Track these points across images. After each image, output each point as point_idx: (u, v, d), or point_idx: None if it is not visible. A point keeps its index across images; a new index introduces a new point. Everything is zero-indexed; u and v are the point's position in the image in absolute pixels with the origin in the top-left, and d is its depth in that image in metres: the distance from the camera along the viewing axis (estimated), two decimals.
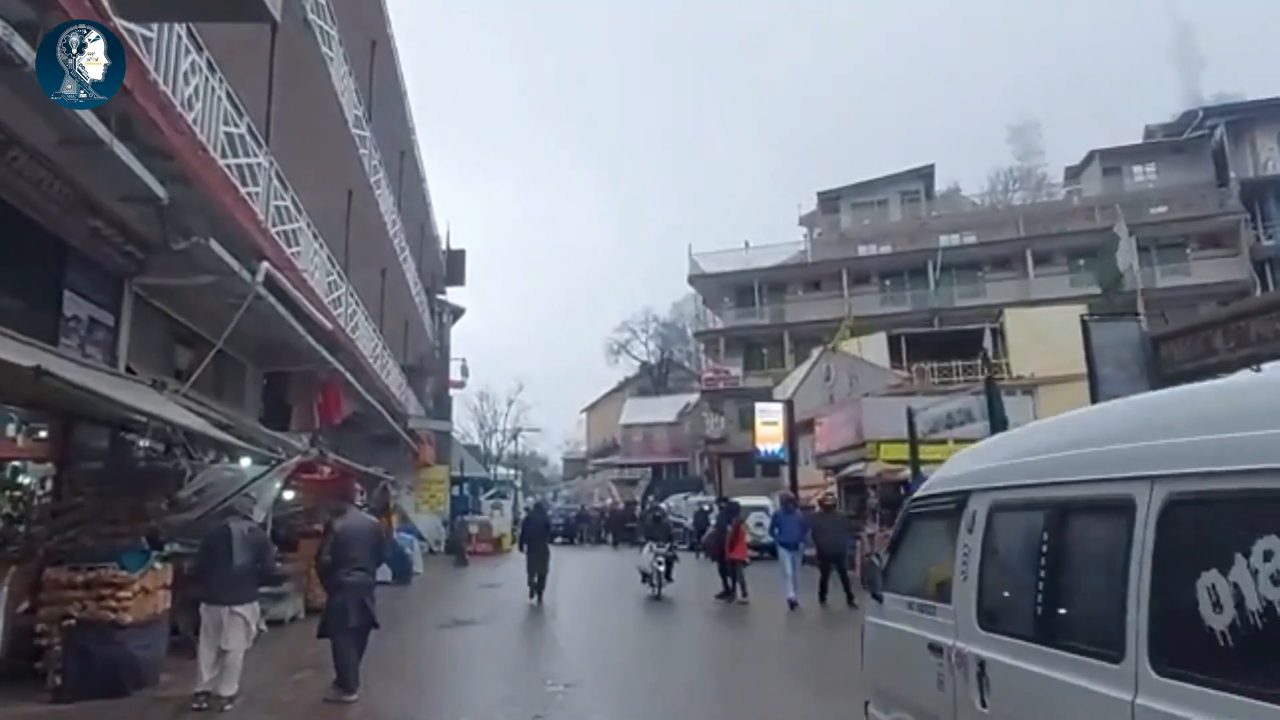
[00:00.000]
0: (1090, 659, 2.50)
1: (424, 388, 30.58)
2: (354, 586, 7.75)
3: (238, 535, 7.52)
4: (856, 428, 18.32)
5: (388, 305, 20.77)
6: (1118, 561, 2.42)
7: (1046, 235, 43.14)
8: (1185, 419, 2.44)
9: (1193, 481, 2.23)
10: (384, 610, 14.36)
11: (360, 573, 7.83)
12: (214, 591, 7.35)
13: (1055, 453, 3.05)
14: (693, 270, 48.15)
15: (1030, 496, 3.11)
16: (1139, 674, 2.26)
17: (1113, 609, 2.39)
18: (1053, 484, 2.94)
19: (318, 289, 12.92)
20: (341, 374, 14.91)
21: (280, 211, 11.01)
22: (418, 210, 24.56)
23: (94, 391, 7.02)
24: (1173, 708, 2.11)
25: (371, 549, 8.06)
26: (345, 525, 8.02)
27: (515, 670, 9.23)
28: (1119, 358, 9.31)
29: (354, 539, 7.90)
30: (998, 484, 3.39)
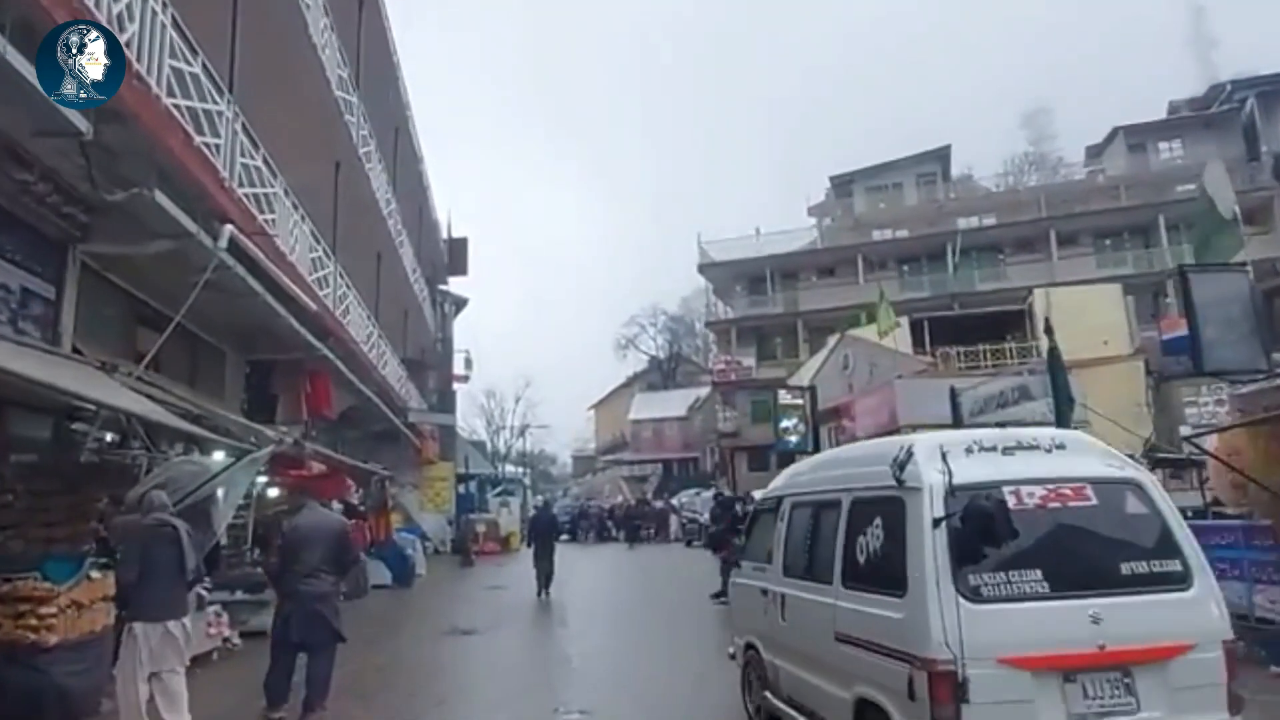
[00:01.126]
0: (822, 584, 4.88)
1: (426, 382, 29.37)
2: (303, 596, 6.55)
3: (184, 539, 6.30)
4: (890, 412, 16.98)
5: (384, 292, 19.52)
6: (833, 533, 4.86)
7: (1070, 215, 41.71)
8: (856, 461, 5.20)
9: (859, 493, 4.74)
10: (379, 616, 13.40)
11: (313, 580, 6.60)
12: (147, 606, 6.12)
13: (815, 473, 5.74)
14: (702, 259, 46.87)
15: (805, 499, 5.49)
16: (837, 588, 4.71)
17: (830, 557, 4.84)
18: (813, 493, 5.41)
19: (299, 265, 11.68)
20: (331, 362, 13.67)
21: (250, 172, 9.76)
22: (415, 193, 23.31)
23: (12, 372, 5.79)
24: (848, 603, 4.55)
25: (330, 552, 6.80)
26: (296, 525, 6.82)
27: (520, 692, 7.94)
28: (1226, 315, 7.99)
29: (307, 541, 6.70)
30: (792, 492, 5.77)
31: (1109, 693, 3.76)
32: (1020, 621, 3.79)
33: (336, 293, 14.05)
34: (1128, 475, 4.35)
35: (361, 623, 12.30)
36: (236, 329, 12.25)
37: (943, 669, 3.66)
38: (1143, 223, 40.42)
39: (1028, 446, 4.40)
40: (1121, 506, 4.20)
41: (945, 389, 14.81)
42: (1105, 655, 3.75)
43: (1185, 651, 3.83)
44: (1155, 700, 3.76)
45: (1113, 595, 3.87)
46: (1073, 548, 4.07)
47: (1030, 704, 3.68)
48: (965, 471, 4.10)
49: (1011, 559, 3.85)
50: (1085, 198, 43.64)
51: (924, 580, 3.86)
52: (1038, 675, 3.71)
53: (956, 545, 3.86)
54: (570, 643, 10.23)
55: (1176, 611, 3.93)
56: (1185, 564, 4.04)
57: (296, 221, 11.67)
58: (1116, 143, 44.87)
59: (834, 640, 4.58)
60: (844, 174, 48.78)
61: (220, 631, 8.78)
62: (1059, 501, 4.09)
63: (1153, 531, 4.12)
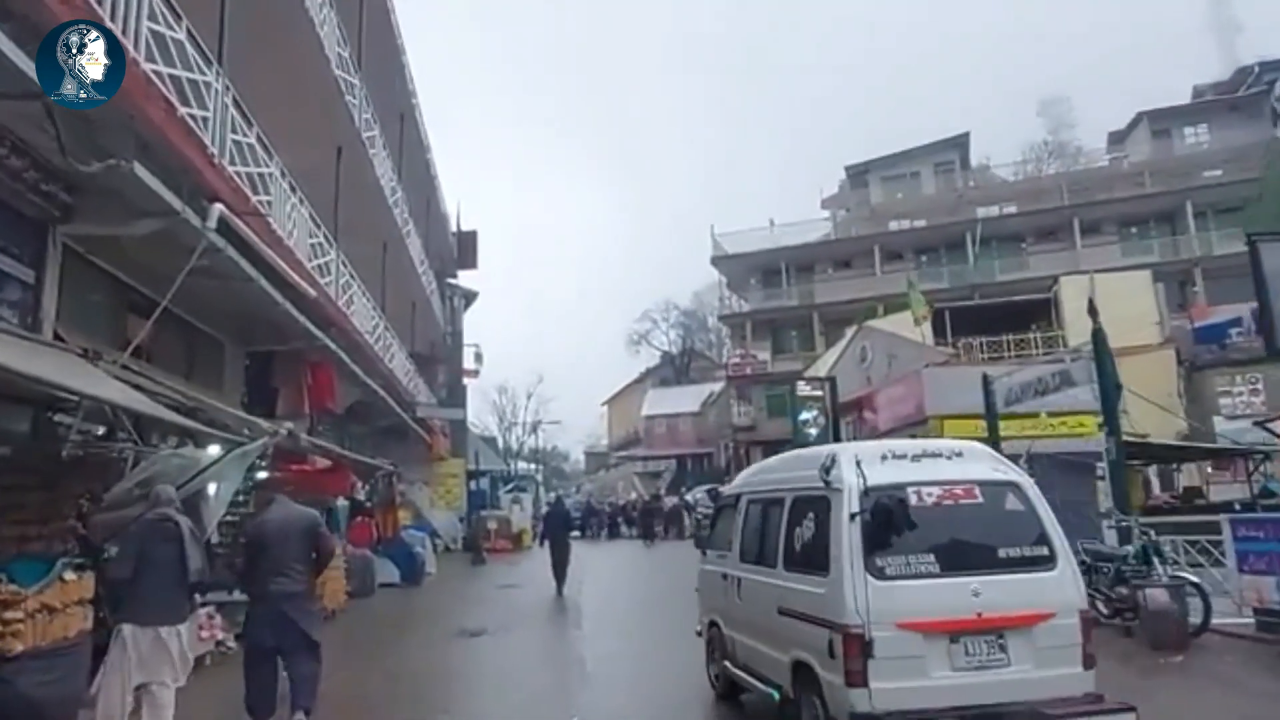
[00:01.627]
0: (768, 567, 5.78)
1: (436, 377, 28.92)
2: (273, 598, 6.06)
3: (187, 537, 5.83)
4: (916, 403, 16.32)
5: (391, 283, 19.01)
6: (778, 525, 5.71)
7: (1094, 203, 40.82)
8: (796, 465, 6.01)
9: (798, 492, 5.55)
10: (385, 617, 12.83)
11: (284, 579, 6.11)
12: (139, 607, 5.64)
13: (765, 475, 6.72)
14: (716, 251, 46.31)
15: (758, 496, 6.43)
16: (780, 570, 5.54)
17: (775, 545, 5.68)
18: (764, 491, 6.36)
19: (298, 251, 11.17)
20: (334, 353, 13.17)
21: (243, 149, 9.23)
22: (423, 183, 22.77)
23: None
24: (788, 582, 5.32)
25: (301, 549, 6.30)
26: (263, 521, 6.33)
27: (531, 700, 7.37)
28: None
29: (275, 537, 6.20)
30: (748, 490, 6.74)
31: (985, 651, 4.66)
32: (915, 595, 4.68)
33: (339, 281, 13.54)
34: (1010, 478, 5.23)
35: (366, 624, 11.84)
36: (234, 318, 11.77)
37: (854, 632, 4.56)
38: (1168, 209, 39.63)
39: (932, 455, 5.36)
40: (1002, 504, 5.08)
41: (975, 378, 14.19)
42: (982, 621, 4.64)
43: (1048, 619, 4.72)
44: (1023, 657, 4.67)
45: (990, 574, 4.79)
46: (960, 536, 4.96)
47: (922, 659, 4.59)
48: (878, 475, 4.99)
49: (910, 545, 4.74)
50: (1109, 185, 42.75)
51: (841, 563, 4.76)
52: (928, 636, 4.60)
53: (867, 535, 4.75)
54: (584, 645, 9.66)
55: (1042, 588, 4.82)
56: (1052, 550, 4.95)
57: (295, 205, 11.16)
58: (1140, 129, 43.99)
59: (777, 614, 5.47)
60: (860, 164, 47.98)
61: (213, 634, 8.28)
62: (951, 499, 4.99)
63: (1027, 524, 5.02)
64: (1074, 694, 4.67)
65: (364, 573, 14.64)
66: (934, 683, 4.56)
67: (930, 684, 4.56)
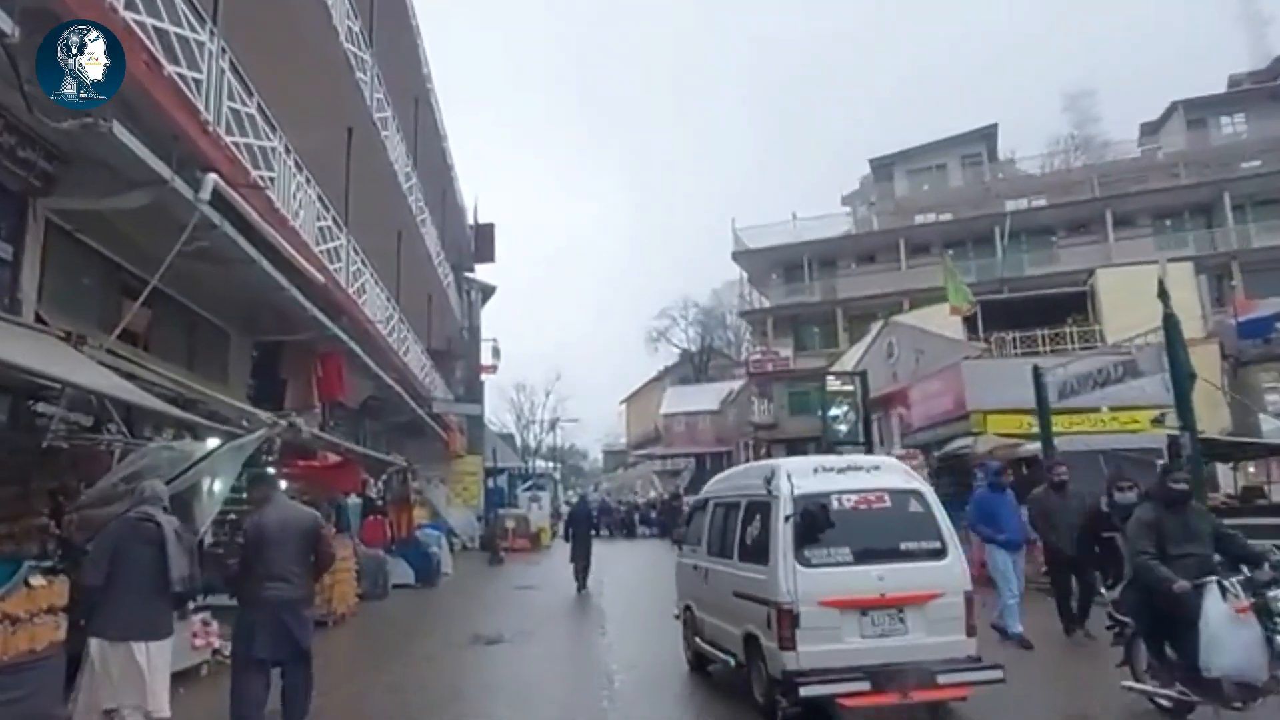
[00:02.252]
0: (728, 559, 6.80)
1: (453, 373, 28.31)
2: (268, 604, 5.40)
3: (170, 538, 5.15)
4: (956, 397, 15.44)
5: (406, 274, 18.37)
6: (737, 524, 6.75)
7: (1126, 195, 39.58)
8: (748, 476, 7.21)
9: (748, 498, 6.70)
10: (396, 621, 11.97)
11: (281, 584, 5.44)
12: (110, 619, 4.97)
13: (727, 484, 7.86)
14: (737, 246, 45.38)
15: (721, 501, 7.50)
16: (735, 561, 6.66)
17: (733, 540, 6.77)
18: (725, 496, 7.44)
19: (304, 233, 10.52)
20: (345, 344, 12.53)
21: (241, 119, 8.57)
22: (438, 172, 22.11)
23: None
24: (741, 571, 6.46)
25: (301, 552, 5.63)
26: (260, 521, 5.59)
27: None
28: None
29: (273, 538, 5.51)
30: (714, 496, 7.87)
31: (888, 622, 5.71)
32: (833, 579, 5.71)
33: (350, 268, 12.90)
34: (913, 487, 6.35)
35: (376, 629, 11.17)
36: (239, 306, 11.16)
37: (785, 608, 5.61)
38: (1205, 201, 38.42)
39: (855, 468, 6.58)
40: (907, 507, 6.12)
41: (1018, 371, 13.35)
42: (885, 599, 5.69)
43: (938, 598, 5.76)
44: (918, 627, 5.72)
45: (893, 563, 5.84)
46: (870, 533, 5.99)
47: (838, 629, 5.65)
48: (808, 485, 6.10)
49: (831, 540, 5.83)
50: (1142, 177, 41.44)
51: (777, 555, 5.82)
52: (843, 611, 5.66)
53: (797, 533, 5.82)
54: (610, 655, 8.89)
55: (934, 573, 5.84)
56: (943, 543, 5.97)
57: (301, 184, 10.50)
58: (1174, 119, 42.69)
59: (733, 596, 6.56)
60: (884, 156, 46.96)
61: (209, 642, 7.61)
62: (865, 504, 6.05)
63: (925, 523, 6.03)
64: (959, 656, 5.79)
65: (376, 574, 14.00)
66: (847, 647, 5.67)
67: (844, 648, 5.67)
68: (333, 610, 10.74)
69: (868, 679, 5.45)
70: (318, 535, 5.84)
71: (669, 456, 58.58)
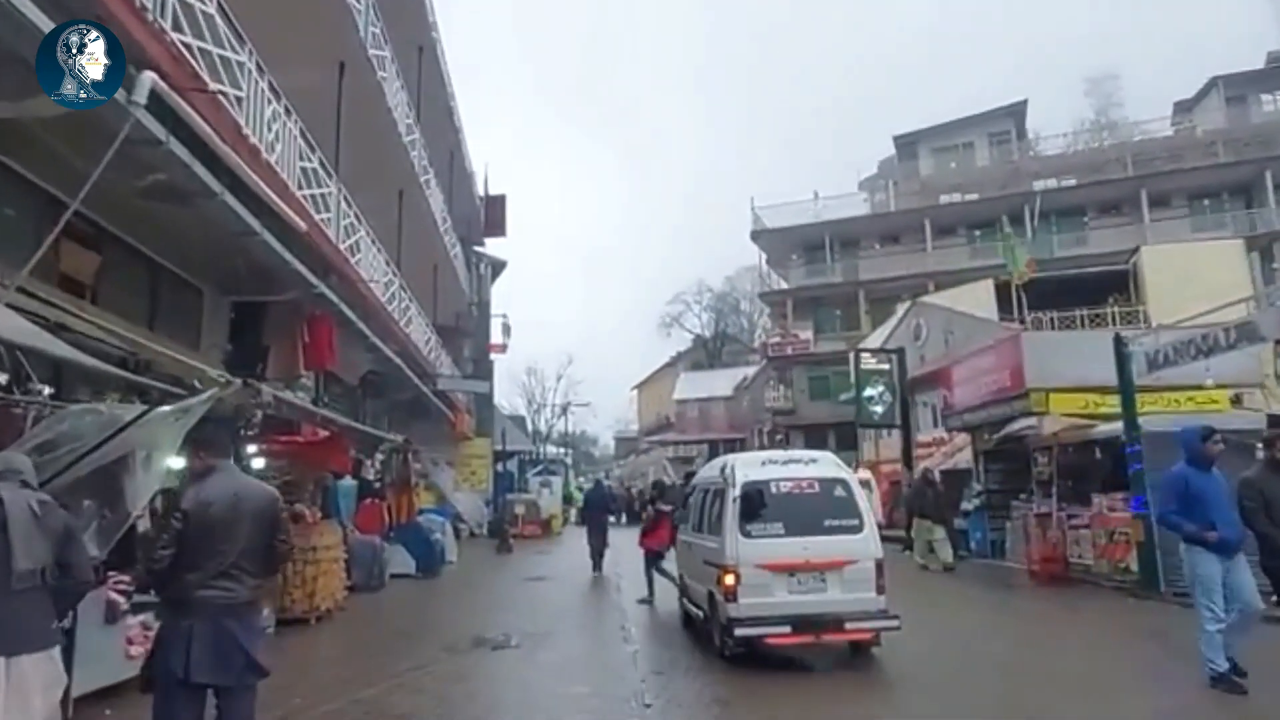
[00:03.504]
0: (703, 533, 8.38)
1: (461, 351, 26.99)
2: (205, 607, 3.94)
3: (18, 516, 3.72)
4: (1013, 373, 13.91)
5: (409, 239, 16.99)
6: (708, 506, 8.38)
7: (1162, 173, 37.91)
8: (715, 468, 8.83)
9: (714, 485, 8.29)
10: (388, 619, 10.25)
11: (227, 583, 4.00)
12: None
13: (706, 474, 9.38)
14: (755, 225, 43.92)
15: (704, 487, 8.85)
16: (705, 534, 8.30)
17: (705, 518, 8.43)
18: (705, 484, 8.95)
19: (283, 172, 9.12)
20: (335, 306, 11.15)
21: (195, 16, 7.10)
22: (444, 131, 20.64)
23: None
24: (708, 542, 8.09)
25: (256, 540, 4.15)
26: (204, 497, 4.11)
27: None
28: None
29: (220, 522, 4.05)
30: (700, 483, 9.36)
31: (811, 582, 7.21)
32: (768, 548, 7.25)
33: (341, 221, 11.50)
34: (840, 476, 7.81)
35: (363, 628, 9.80)
36: (210, 256, 9.78)
37: (730, 569, 7.21)
38: (1244, 180, 36.87)
39: (795, 460, 8.13)
40: (833, 492, 7.62)
41: (1087, 344, 11.88)
42: (809, 564, 7.19)
43: (853, 564, 7.23)
44: (835, 586, 7.21)
45: (816, 535, 7.32)
46: (800, 512, 7.44)
47: (769, 585, 7.17)
48: (755, 474, 7.74)
49: (768, 517, 7.38)
50: (1177, 155, 39.69)
51: (727, 528, 7.41)
52: (775, 573, 7.19)
53: (742, 511, 7.40)
54: (636, 668, 7.45)
55: (850, 544, 7.32)
56: (861, 520, 7.46)
57: (278, 114, 9.08)
58: (1211, 96, 40.98)
59: (703, 563, 8.08)
60: (909, 134, 45.34)
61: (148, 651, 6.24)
62: (798, 490, 7.60)
63: (846, 505, 7.54)
64: (869, 610, 7.11)
65: (371, 563, 12.68)
66: (777, 600, 7.10)
67: (774, 600, 7.10)
68: (315, 606, 9.40)
69: (789, 624, 6.96)
70: (276, 516, 4.42)
71: (682, 443, 57.58)
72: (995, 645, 8.37)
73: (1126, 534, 10.58)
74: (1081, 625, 9.40)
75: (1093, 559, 11.36)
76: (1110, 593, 10.73)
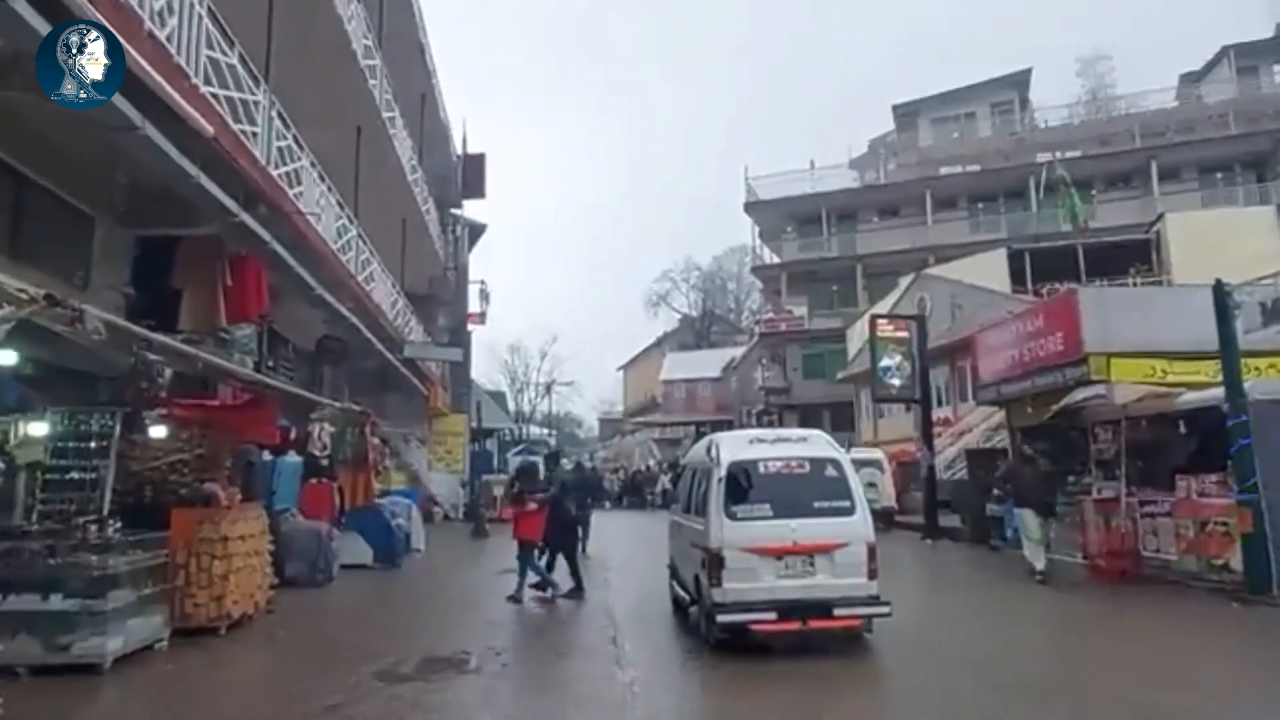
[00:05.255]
0: (689, 514, 8.11)
1: (435, 320, 24.91)
2: None
3: None
4: (1067, 337, 12.02)
5: (371, 185, 14.89)
6: (694, 487, 8.09)
7: (1173, 145, 36.43)
8: (698, 450, 8.72)
9: (700, 465, 8.00)
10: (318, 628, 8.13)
11: None
12: None
13: (693, 454, 9.21)
14: (749, 197, 42.08)
15: (692, 467, 8.67)
16: (692, 516, 7.97)
17: (691, 499, 8.17)
18: (693, 463, 8.66)
19: (179, 56, 7.08)
20: (264, 242, 9.15)
21: None
22: (414, 71, 18.40)
23: None
24: (694, 524, 7.77)
25: None
26: None
27: None
28: None
29: None
30: (688, 462, 9.45)
31: (799, 566, 6.90)
32: (754, 530, 6.93)
33: (272, 140, 9.46)
34: (831, 455, 7.47)
35: (285, 639, 7.82)
36: (98, 173, 7.76)
37: (714, 552, 6.88)
38: (1258, 152, 35.49)
39: (785, 439, 7.89)
40: (823, 472, 7.28)
41: (1161, 300, 10.03)
42: (797, 547, 6.88)
43: (844, 547, 6.91)
44: (825, 570, 6.91)
45: (805, 517, 6.98)
46: (789, 493, 7.12)
47: (755, 569, 6.86)
48: (741, 453, 7.43)
49: (755, 499, 7.07)
50: (1187, 127, 38.20)
51: (712, 510, 7.08)
52: (762, 556, 6.87)
53: (727, 492, 7.09)
54: (639, 708, 5.61)
55: (841, 526, 7.00)
56: (853, 502, 7.11)
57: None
58: (1222, 67, 39.49)
59: (690, 545, 7.77)
60: (908, 103, 43.47)
61: None
62: (787, 469, 7.27)
63: (837, 485, 7.20)
64: (859, 595, 6.90)
65: (314, 553, 10.77)
66: (763, 585, 6.87)
67: (760, 585, 6.86)
68: (224, 612, 7.44)
69: (776, 610, 6.69)
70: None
71: (668, 425, 56.30)
72: (1092, 670, 6.50)
73: (1225, 524, 8.73)
74: (1192, 641, 7.52)
75: (1176, 554, 9.50)
76: (1203, 595, 8.82)
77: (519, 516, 10.36)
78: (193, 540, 7.45)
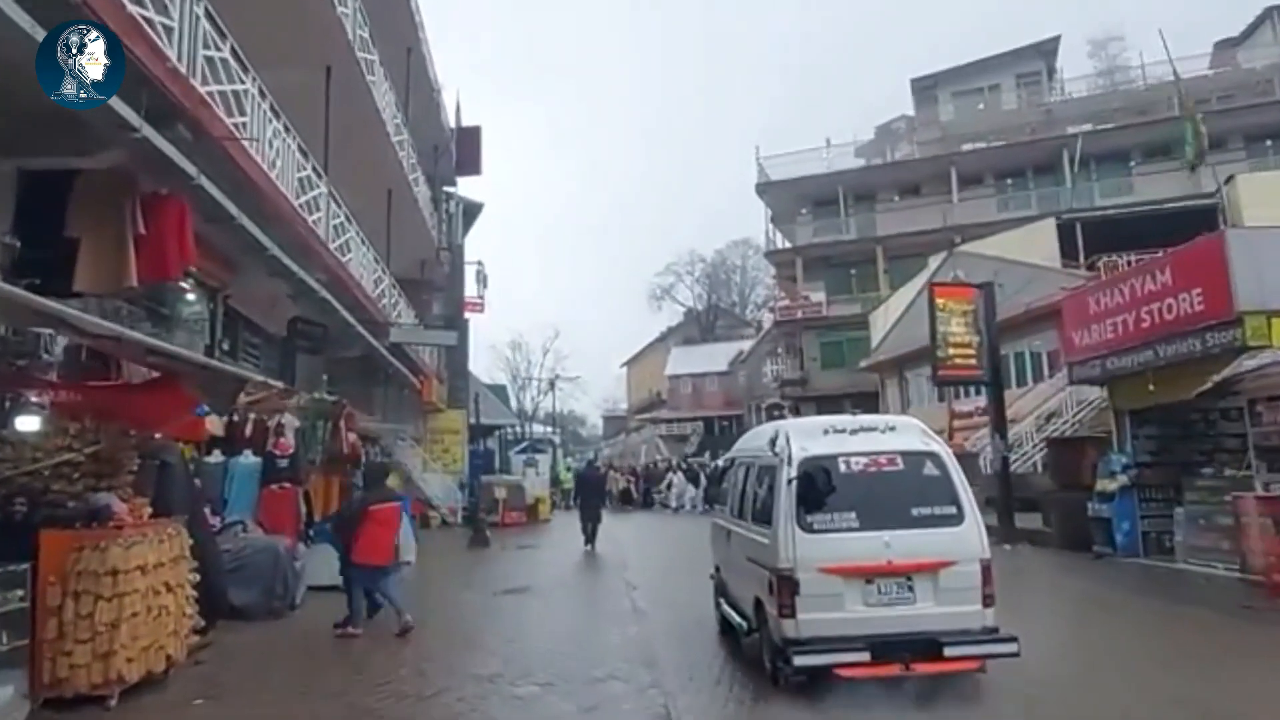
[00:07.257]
0: (745, 521, 6.70)
1: (429, 307, 22.75)
2: None
3: None
4: (1211, 293, 9.56)
5: (345, 138, 12.63)
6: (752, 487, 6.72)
7: (1215, 113, 34.10)
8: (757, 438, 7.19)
9: (760, 460, 6.59)
10: (253, 695, 5.39)
11: None
12: None
13: (748, 444, 7.62)
14: (760, 178, 39.93)
15: (744, 461, 7.32)
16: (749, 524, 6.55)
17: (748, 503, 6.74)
18: (746, 457, 7.27)
19: None
20: (187, 178, 6.97)
21: None
22: (397, 15, 16.23)
23: None
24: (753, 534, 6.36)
25: None
26: None
27: None
28: None
29: None
30: (740, 455, 7.73)
31: (895, 590, 5.55)
32: (836, 545, 5.59)
33: (198, 49, 7.26)
34: (930, 449, 6.03)
35: (202, 714, 5.64)
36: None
37: (785, 574, 5.54)
38: None
39: (868, 429, 6.23)
40: (921, 470, 5.89)
41: None
42: (892, 567, 5.53)
43: (951, 566, 5.56)
44: (927, 596, 5.53)
45: (901, 529, 5.63)
46: (879, 498, 5.78)
47: (840, 596, 5.53)
48: (815, 447, 6.01)
49: (836, 504, 5.70)
50: (1228, 95, 36.00)
51: (780, 519, 5.72)
52: (847, 578, 5.53)
53: (800, 496, 5.70)
54: None
55: (947, 540, 5.64)
56: (960, 509, 5.73)
57: None
58: (1264, 30, 37.31)
59: (746, 560, 6.47)
60: (927, 76, 41.31)
61: None
62: (875, 467, 5.89)
63: (940, 487, 5.81)
64: (973, 627, 5.48)
65: (271, 576, 8.61)
66: (849, 615, 5.48)
67: (845, 616, 5.47)
68: (114, 675, 5.24)
69: (868, 649, 5.32)
70: None
71: (674, 420, 54.50)
72: None
73: None
74: None
75: None
76: None
77: (351, 531, 8.08)
78: (68, 574, 5.28)
